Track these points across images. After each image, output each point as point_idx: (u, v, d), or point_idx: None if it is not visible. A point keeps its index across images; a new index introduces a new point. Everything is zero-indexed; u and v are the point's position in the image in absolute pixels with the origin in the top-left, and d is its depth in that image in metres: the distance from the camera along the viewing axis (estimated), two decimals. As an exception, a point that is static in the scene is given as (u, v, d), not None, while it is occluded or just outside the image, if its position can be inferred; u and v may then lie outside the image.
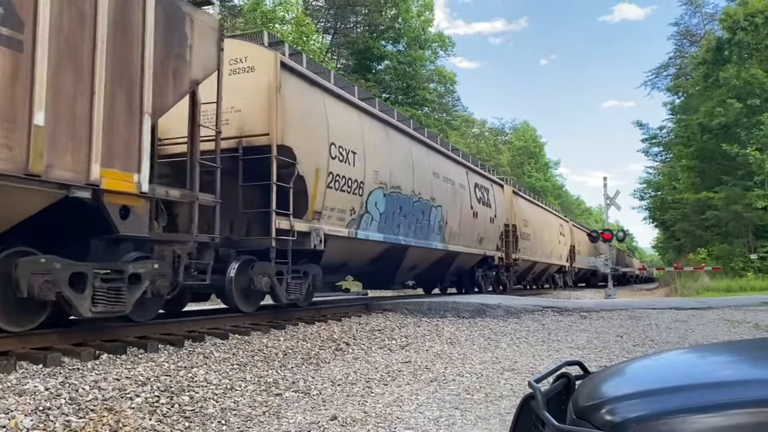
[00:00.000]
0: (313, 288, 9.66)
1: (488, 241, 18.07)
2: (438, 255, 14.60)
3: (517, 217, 21.92)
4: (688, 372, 1.94)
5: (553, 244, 28.38)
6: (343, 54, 40.47)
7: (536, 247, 24.85)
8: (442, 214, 14.24)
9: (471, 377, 6.24)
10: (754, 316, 11.13)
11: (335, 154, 9.81)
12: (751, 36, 29.36)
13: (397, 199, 11.92)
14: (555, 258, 28.80)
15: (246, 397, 5.02)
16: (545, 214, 28.09)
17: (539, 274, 27.78)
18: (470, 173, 16.93)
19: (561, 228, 30.82)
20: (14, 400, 4.14)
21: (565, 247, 31.50)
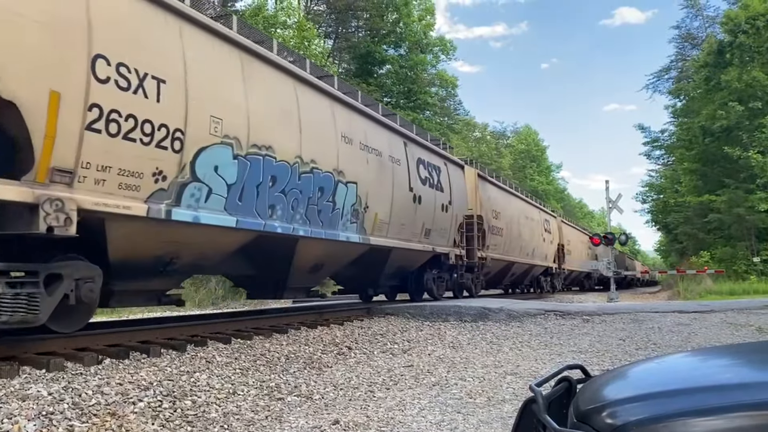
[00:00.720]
0: (77, 301, 5.73)
1: (439, 235, 14.01)
2: (356, 251, 10.77)
3: (484, 207, 17.96)
4: (689, 375, 1.95)
5: (536, 241, 24.69)
6: (345, 58, 40.53)
7: (512, 244, 21.10)
8: (359, 194, 10.24)
9: (473, 381, 6.23)
10: (757, 319, 11.10)
11: (108, 75, 5.76)
12: (752, 39, 29.35)
13: (265, 167, 7.93)
14: (539, 258, 25.33)
15: (248, 402, 5.02)
16: (525, 206, 23.95)
17: (521, 277, 24.37)
18: (411, 145, 12.82)
19: (546, 224, 27.10)
20: (17, 405, 4.15)
21: (552, 246, 27.87)
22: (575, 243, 33.63)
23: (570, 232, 32.99)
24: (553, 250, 28.20)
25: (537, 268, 25.60)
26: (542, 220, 26.35)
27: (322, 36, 37.55)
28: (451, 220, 14.75)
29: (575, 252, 33.28)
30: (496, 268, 19.84)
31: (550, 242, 27.22)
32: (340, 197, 9.78)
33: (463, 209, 15.74)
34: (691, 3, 43.13)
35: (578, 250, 34.39)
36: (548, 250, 27.12)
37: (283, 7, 31.94)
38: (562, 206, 65.00)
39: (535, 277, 26.38)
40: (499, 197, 20.16)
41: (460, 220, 15.43)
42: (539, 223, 25.81)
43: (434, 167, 13.99)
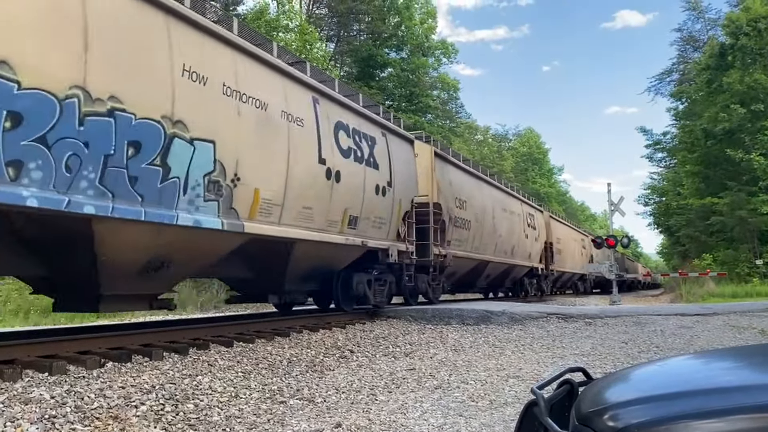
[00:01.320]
0: None
1: (372, 225, 10.88)
2: (225, 243, 7.64)
3: (444, 193, 14.71)
4: (691, 378, 1.95)
5: (516, 238, 21.46)
6: (347, 62, 40.59)
7: (485, 240, 18.04)
8: (220, 159, 7.07)
9: (475, 384, 6.23)
10: (760, 322, 11.08)
11: None
12: (754, 41, 29.34)
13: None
14: (521, 257, 22.11)
15: (251, 405, 5.02)
16: (502, 196, 20.53)
17: (498, 278, 21.25)
18: (327, 103, 9.72)
19: (530, 218, 23.93)
20: (20, 409, 4.15)
21: (537, 243, 24.69)
22: (567, 242, 31.01)
23: (561, 230, 30.04)
24: (539, 249, 24.97)
25: (519, 269, 22.50)
26: (525, 214, 22.95)
27: (324, 39, 37.62)
28: (392, 206, 11.63)
29: (567, 252, 30.78)
30: (464, 269, 16.91)
31: (534, 239, 24.04)
32: (179, 161, 6.55)
33: (411, 194, 12.67)
34: (693, 5, 43.14)
35: (571, 249, 31.97)
36: (533, 248, 23.89)
37: (284, 10, 32.03)
38: (564, 209, 64.99)
39: (518, 279, 23.24)
40: (465, 183, 17.00)
41: (406, 207, 12.32)
42: (521, 216, 22.53)
43: (365, 137, 10.88)
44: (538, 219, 25.28)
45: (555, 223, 29.11)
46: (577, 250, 33.64)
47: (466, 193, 16.81)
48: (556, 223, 29.48)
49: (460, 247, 15.94)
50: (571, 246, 32.43)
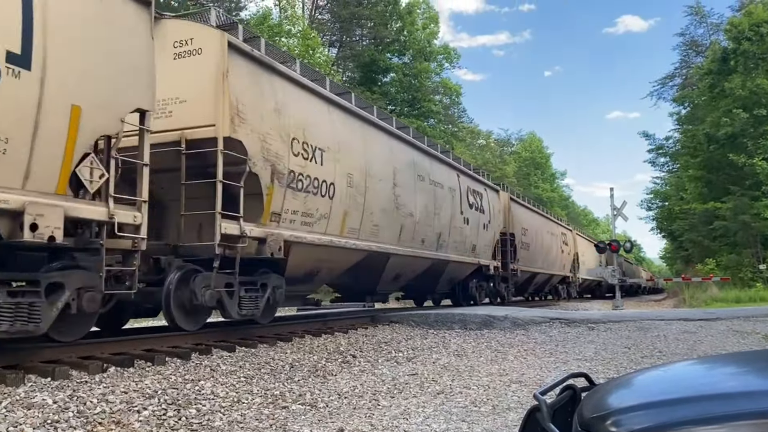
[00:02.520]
0: None
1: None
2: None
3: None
4: (693, 383, 1.94)
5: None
6: (349, 67, 40.70)
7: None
8: None
9: (478, 389, 6.22)
10: (764, 327, 11.05)
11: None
12: (756, 46, 29.36)
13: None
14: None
15: (253, 410, 5.02)
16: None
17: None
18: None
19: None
20: (23, 414, 4.16)
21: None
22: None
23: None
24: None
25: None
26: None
27: (327, 44, 37.73)
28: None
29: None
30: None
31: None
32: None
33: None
34: (695, 10, 43.17)
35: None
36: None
37: (287, 16, 32.14)
38: (566, 213, 64.92)
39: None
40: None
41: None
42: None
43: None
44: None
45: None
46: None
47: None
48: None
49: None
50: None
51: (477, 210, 16.64)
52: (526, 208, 22.88)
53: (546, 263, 24.74)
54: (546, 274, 25.10)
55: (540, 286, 25.94)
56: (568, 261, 29.79)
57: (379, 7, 39.10)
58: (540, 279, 24.43)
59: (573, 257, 30.29)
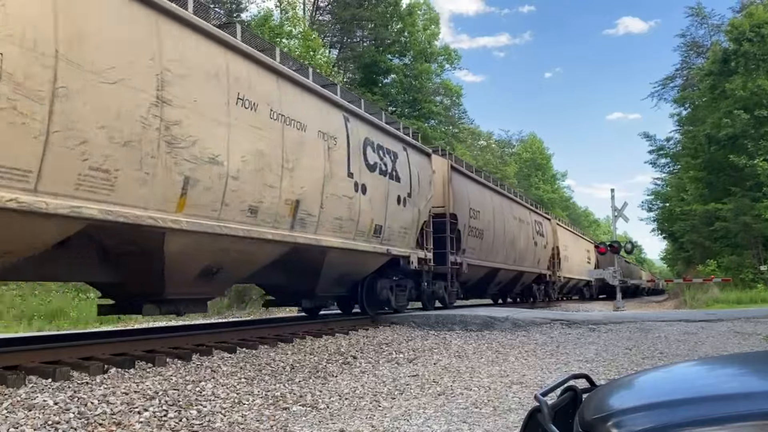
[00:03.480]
0: None
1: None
2: None
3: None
4: (695, 385, 1.94)
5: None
6: (350, 68, 40.69)
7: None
8: None
9: (479, 391, 6.21)
10: (765, 328, 11.04)
11: None
12: (757, 47, 29.34)
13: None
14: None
15: (254, 411, 5.02)
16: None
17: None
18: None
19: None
20: (23, 415, 4.16)
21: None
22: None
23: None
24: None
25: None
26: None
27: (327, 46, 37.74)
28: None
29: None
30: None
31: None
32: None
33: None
34: (696, 11, 43.15)
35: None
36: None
37: (288, 17, 32.16)
38: (567, 214, 64.90)
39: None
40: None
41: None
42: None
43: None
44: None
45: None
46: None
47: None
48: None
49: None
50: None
51: (385, 174, 11.38)
52: (478, 183, 17.38)
53: (512, 257, 19.62)
54: (512, 271, 20.05)
55: (505, 286, 21.06)
56: (544, 255, 24.70)
57: (379, 9, 39.09)
58: (504, 277, 19.52)
59: (552, 251, 25.85)
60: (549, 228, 25.88)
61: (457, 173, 15.62)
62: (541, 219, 25.03)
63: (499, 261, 18.51)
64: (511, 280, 20.96)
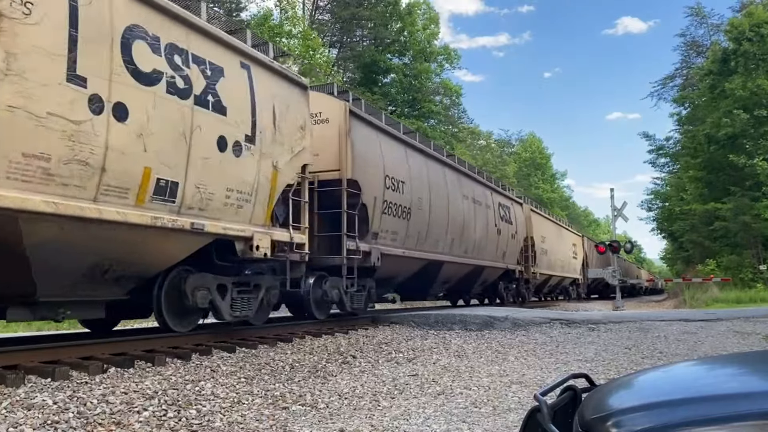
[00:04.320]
0: None
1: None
2: None
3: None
4: (694, 384, 1.94)
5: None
6: (349, 67, 40.71)
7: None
8: None
9: (478, 390, 6.21)
10: (764, 328, 11.05)
11: None
12: (756, 47, 29.37)
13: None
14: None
15: (253, 411, 5.02)
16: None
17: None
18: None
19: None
20: (23, 414, 4.16)
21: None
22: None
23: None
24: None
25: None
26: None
27: (327, 45, 37.75)
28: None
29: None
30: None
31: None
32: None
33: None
34: (696, 11, 43.17)
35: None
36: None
37: (288, 17, 32.16)
38: (567, 214, 64.91)
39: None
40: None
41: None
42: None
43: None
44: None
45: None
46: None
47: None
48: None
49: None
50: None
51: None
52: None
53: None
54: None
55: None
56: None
57: (379, 8, 39.11)
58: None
59: (525, 243, 24.20)
60: (520, 214, 21.22)
61: (361, 123, 11.10)
62: (509, 203, 20.20)
63: (440, 251, 13.95)
64: (466, 276, 16.36)
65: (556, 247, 26.37)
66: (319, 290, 10.07)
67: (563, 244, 28.06)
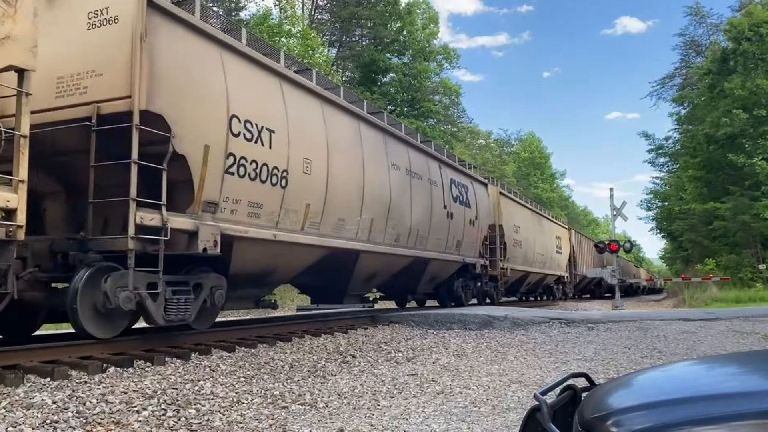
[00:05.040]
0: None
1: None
2: None
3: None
4: (693, 384, 1.94)
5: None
6: (349, 67, 40.69)
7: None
8: None
9: (478, 390, 6.21)
10: (763, 327, 11.05)
11: None
12: (756, 46, 29.39)
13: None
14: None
15: (252, 410, 5.01)
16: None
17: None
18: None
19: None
20: (22, 414, 4.15)
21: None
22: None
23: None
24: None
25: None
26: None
27: (327, 44, 37.73)
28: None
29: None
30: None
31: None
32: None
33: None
34: (695, 11, 43.17)
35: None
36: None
37: (287, 16, 32.14)
38: (566, 214, 64.93)
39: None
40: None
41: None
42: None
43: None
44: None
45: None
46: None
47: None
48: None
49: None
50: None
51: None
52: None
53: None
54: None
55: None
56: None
57: (378, 7, 39.10)
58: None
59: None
60: (484, 197, 17.17)
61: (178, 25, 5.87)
62: (468, 181, 16.07)
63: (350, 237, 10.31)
64: (403, 272, 12.88)
65: (535, 239, 22.49)
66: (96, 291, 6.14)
67: (544, 237, 24.20)
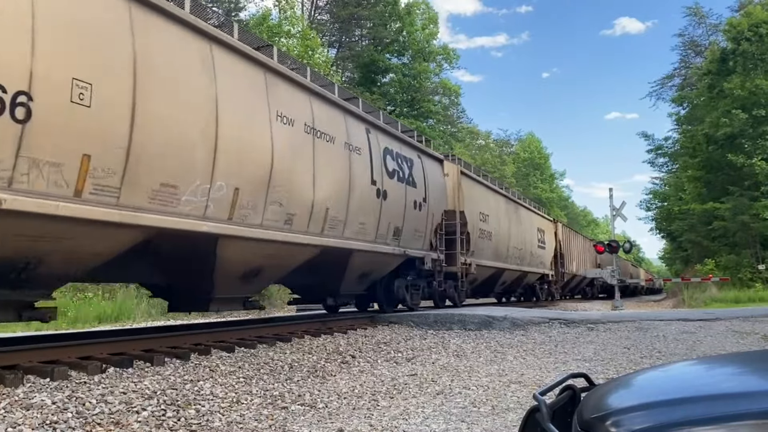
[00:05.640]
0: None
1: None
2: None
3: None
4: (693, 384, 1.94)
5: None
6: (348, 67, 40.69)
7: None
8: None
9: (477, 390, 6.21)
10: (763, 327, 11.05)
11: None
12: (755, 46, 29.39)
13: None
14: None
15: (252, 411, 5.01)
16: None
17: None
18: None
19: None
20: (21, 414, 4.15)
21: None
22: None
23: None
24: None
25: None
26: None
27: (326, 45, 37.72)
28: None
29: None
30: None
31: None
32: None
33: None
34: (694, 11, 43.19)
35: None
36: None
37: (286, 16, 32.13)
38: (566, 214, 64.93)
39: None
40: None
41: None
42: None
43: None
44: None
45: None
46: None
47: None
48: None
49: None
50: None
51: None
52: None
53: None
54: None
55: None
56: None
57: (378, 8, 39.11)
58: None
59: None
60: (438, 175, 14.19)
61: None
62: (413, 154, 12.92)
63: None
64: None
65: (510, 230, 19.23)
66: None
67: (523, 229, 20.85)
